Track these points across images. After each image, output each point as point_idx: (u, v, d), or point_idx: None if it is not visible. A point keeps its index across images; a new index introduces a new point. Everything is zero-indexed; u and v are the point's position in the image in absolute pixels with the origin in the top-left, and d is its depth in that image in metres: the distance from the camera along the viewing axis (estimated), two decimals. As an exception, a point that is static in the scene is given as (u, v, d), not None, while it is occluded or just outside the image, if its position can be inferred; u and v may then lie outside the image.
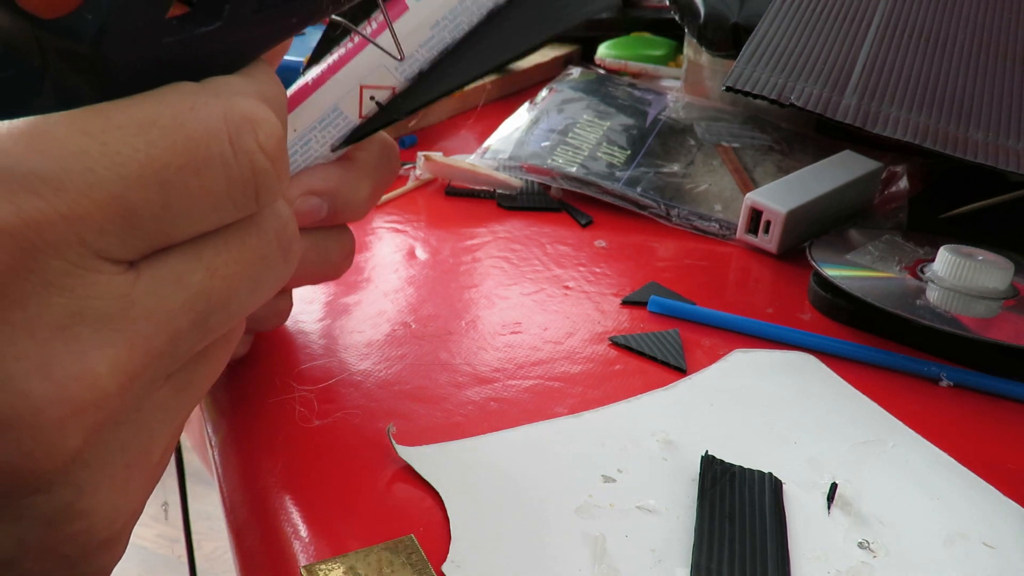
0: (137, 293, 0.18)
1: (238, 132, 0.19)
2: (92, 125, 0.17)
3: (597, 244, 0.50)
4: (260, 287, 0.21)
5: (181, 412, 0.21)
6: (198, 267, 0.19)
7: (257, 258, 0.21)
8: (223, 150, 0.19)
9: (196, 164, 0.18)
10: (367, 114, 0.31)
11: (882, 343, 0.42)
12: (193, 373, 0.21)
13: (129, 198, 0.17)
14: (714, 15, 0.60)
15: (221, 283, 0.20)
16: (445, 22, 0.30)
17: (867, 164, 0.53)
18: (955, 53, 0.50)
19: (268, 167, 0.20)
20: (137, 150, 0.17)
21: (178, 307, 0.19)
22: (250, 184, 0.19)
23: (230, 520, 0.31)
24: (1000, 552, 0.29)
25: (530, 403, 0.35)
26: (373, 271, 0.46)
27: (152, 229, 0.18)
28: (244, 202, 0.20)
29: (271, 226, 0.21)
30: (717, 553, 0.28)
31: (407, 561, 0.27)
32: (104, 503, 0.19)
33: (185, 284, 0.19)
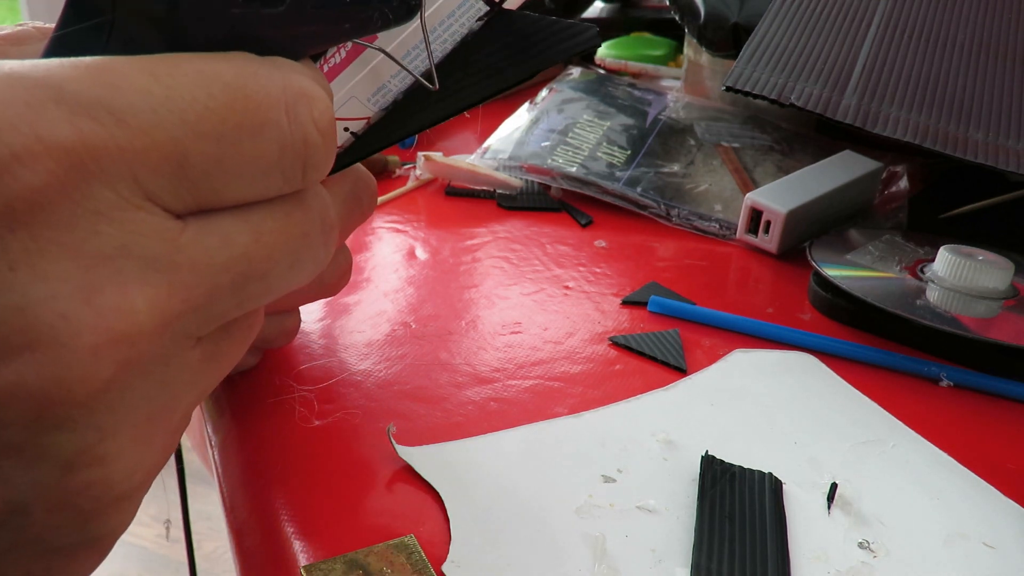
0: (185, 240, 0.19)
1: (295, 104, 0.20)
2: (159, 69, 0.18)
3: (597, 244, 0.50)
4: (299, 265, 0.21)
5: (205, 380, 0.22)
6: (245, 229, 0.20)
7: (300, 234, 0.21)
8: (279, 118, 0.19)
9: (253, 125, 0.19)
10: (343, 144, 0.31)
11: (882, 343, 0.42)
12: (220, 345, 0.22)
13: (185, 145, 0.18)
14: (714, 15, 0.60)
15: (264, 251, 0.20)
16: (416, 51, 0.29)
17: (867, 164, 0.53)
18: (955, 53, 0.50)
19: (320, 142, 0.20)
20: (198, 100, 0.18)
21: (221, 264, 0.19)
22: (300, 156, 0.20)
23: (230, 520, 0.31)
24: (1000, 552, 0.29)
25: (530, 403, 0.35)
26: (373, 271, 0.46)
27: (203, 183, 0.18)
28: (292, 174, 0.20)
29: (315, 206, 0.22)
30: (717, 553, 0.28)
31: (407, 561, 0.27)
32: (124, 452, 0.19)
33: (231, 243, 0.19)
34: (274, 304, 0.33)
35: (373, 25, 0.25)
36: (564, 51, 0.30)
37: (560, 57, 0.30)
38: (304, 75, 0.21)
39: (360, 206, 0.34)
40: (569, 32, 0.30)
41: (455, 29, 0.29)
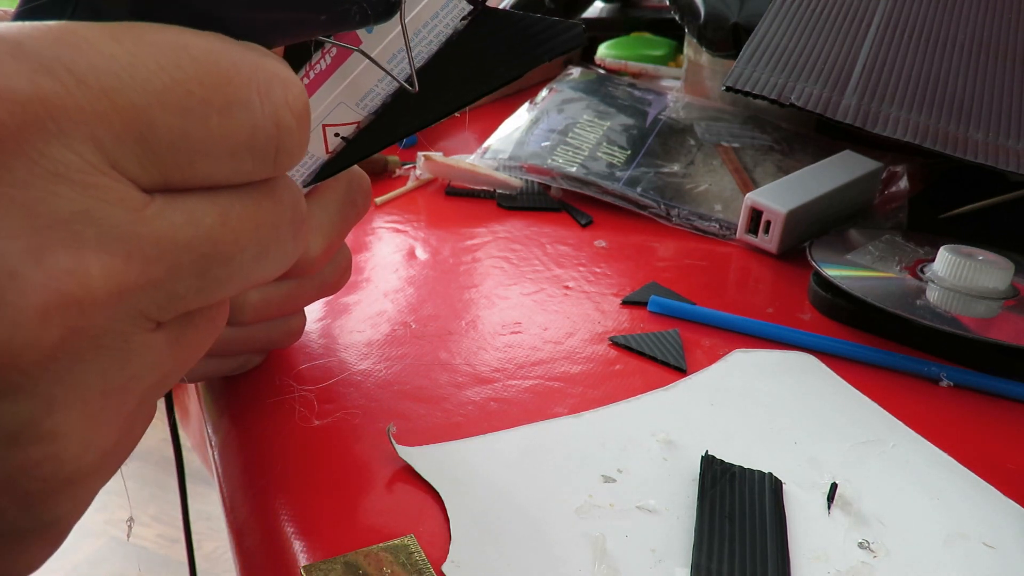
0: (149, 213, 0.18)
1: (269, 84, 0.19)
2: (125, 35, 0.17)
3: (597, 244, 0.50)
4: (266, 255, 0.21)
5: (167, 367, 0.21)
6: (212, 211, 0.19)
7: (269, 224, 0.20)
8: (251, 96, 0.19)
9: (222, 101, 0.18)
10: (335, 149, 0.31)
11: (882, 343, 0.42)
12: (183, 332, 0.21)
13: (149, 115, 0.17)
14: (714, 15, 0.60)
15: (231, 235, 0.19)
16: (402, 54, 0.29)
17: (867, 164, 0.53)
18: (955, 53, 0.50)
19: (293, 126, 0.20)
20: (164, 69, 0.17)
21: (185, 241, 0.19)
22: (272, 139, 0.19)
23: (230, 520, 0.31)
24: (1000, 552, 0.29)
25: (530, 403, 0.35)
26: (373, 271, 0.46)
27: (169, 156, 0.18)
28: (263, 157, 0.19)
29: (287, 197, 0.21)
30: (717, 553, 0.28)
31: (407, 561, 0.27)
32: (75, 429, 0.18)
33: (196, 222, 0.19)
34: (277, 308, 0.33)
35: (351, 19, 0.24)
36: (550, 50, 0.30)
37: (547, 56, 0.30)
38: (278, 61, 0.20)
39: (355, 206, 0.34)
40: (554, 31, 0.30)
41: (439, 30, 0.29)
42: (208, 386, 0.38)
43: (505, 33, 0.30)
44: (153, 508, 1.53)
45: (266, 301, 0.32)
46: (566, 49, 0.30)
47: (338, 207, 0.33)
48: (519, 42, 0.30)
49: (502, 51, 0.30)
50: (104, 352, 0.19)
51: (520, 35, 0.30)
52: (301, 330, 0.36)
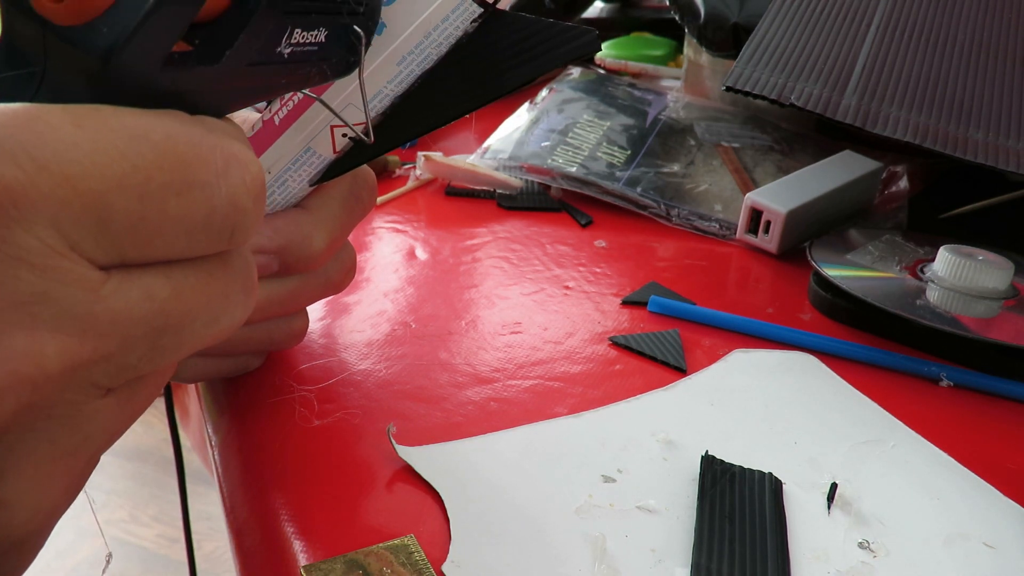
0: (105, 292, 0.18)
1: (227, 167, 0.20)
2: (87, 121, 0.18)
3: (597, 244, 0.50)
4: (216, 322, 0.21)
5: (116, 426, 0.21)
6: (166, 285, 0.19)
7: (220, 294, 0.21)
8: (209, 180, 0.19)
9: (179, 185, 0.19)
10: (342, 150, 0.31)
11: (882, 343, 0.42)
12: (133, 393, 0.22)
13: (109, 200, 0.18)
14: (714, 15, 0.60)
15: (183, 307, 0.20)
16: (412, 57, 0.29)
17: (867, 164, 0.53)
18: (955, 53, 0.50)
19: (250, 207, 0.20)
20: (125, 156, 0.18)
21: (139, 317, 0.19)
22: (229, 220, 0.20)
23: (230, 520, 0.31)
24: (1000, 552, 0.29)
25: (530, 403, 0.35)
26: (373, 271, 0.46)
27: (126, 238, 0.18)
28: (219, 236, 0.20)
29: (239, 265, 0.22)
30: (717, 553, 0.28)
31: (407, 561, 0.27)
32: (25, 496, 0.19)
33: (151, 297, 0.19)
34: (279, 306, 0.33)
35: (311, 80, 0.25)
36: (563, 55, 0.30)
37: (560, 61, 0.30)
38: (236, 139, 0.21)
39: (360, 203, 0.34)
40: (568, 35, 0.30)
41: (449, 32, 0.29)
42: (208, 386, 0.38)
43: (517, 37, 0.30)
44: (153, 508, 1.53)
45: (269, 300, 0.32)
46: (580, 55, 0.30)
47: (343, 202, 0.33)
48: (531, 46, 0.30)
49: (514, 55, 0.30)
50: (55, 421, 0.19)
51: (532, 39, 0.30)
52: (303, 331, 0.36)
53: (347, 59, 0.26)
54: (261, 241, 0.31)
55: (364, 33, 0.26)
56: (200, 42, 0.20)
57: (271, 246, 0.31)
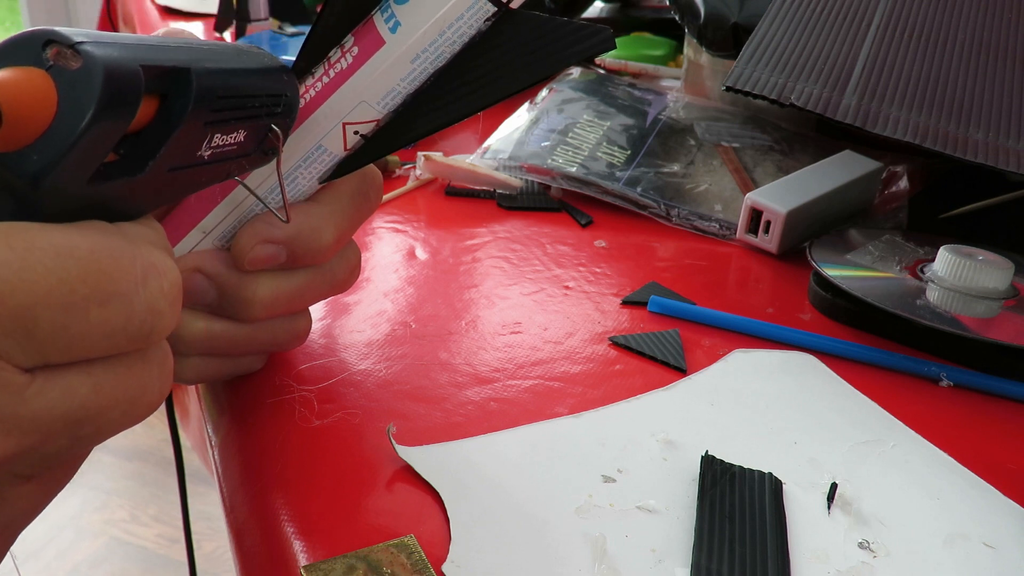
0: (29, 393, 0.20)
1: (146, 276, 0.21)
2: (16, 241, 0.19)
3: (597, 244, 0.50)
4: (132, 411, 0.22)
5: (36, 507, 0.23)
6: (86, 382, 0.21)
7: (138, 385, 0.22)
8: (129, 290, 0.21)
9: (102, 296, 0.20)
10: (352, 147, 0.31)
11: (882, 343, 0.42)
12: (52, 475, 0.23)
13: (35, 313, 0.19)
14: (714, 15, 0.60)
15: (102, 401, 0.21)
16: (426, 55, 0.29)
17: (867, 164, 0.53)
18: (955, 53, 0.50)
19: (167, 311, 0.22)
20: (51, 272, 0.19)
21: (60, 413, 0.20)
22: (147, 324, 0.21)
23: (230, 520, 0.31)
24: (1000, 552, 0.29)
25: (530, 403, 0.35)
26: (373, 271, 0.46)
27: (50, 345, 0.19)
28: (138, 339, 0.21)
29: (156, 359, 0.23)
30: (717, 553, 0.28)
31: (407, 561, 0.27)
32: None
33: (71, 395, 0.20)
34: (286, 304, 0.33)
35: (232, 174, 0.26)
36: (577, 54, 0.30)
37: (573, 60, 0.30)
38: (155, 246, 0.22)
39: (368, 200, 0.34)
40: (582, 34, 0.30)
41: (463, 31, 0.29)
42: (208, 386, 0.38)
43: (530, 36, 0.30)
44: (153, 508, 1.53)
45: (275, 297, 0.32)
46: (593, 53, 0.30)
47: (351, 198, 0.33)
48: (544, 45, 0.30)
49: (527, 53, 0.30)
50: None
51: (546, 38, 0.30)
52: (307, 332, 0.36)
53: (265, 152, 0.28)
54: (271, 231, 0.31)
55: (281, 130, 0.27)
56: (124, 153, 0.21)
57: (281, 236, 0.31)
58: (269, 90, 0.26)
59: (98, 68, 0.19)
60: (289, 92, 0.28)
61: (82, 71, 0.19)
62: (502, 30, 0.29)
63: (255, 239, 0.31)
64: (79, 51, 0.19)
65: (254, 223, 0.31)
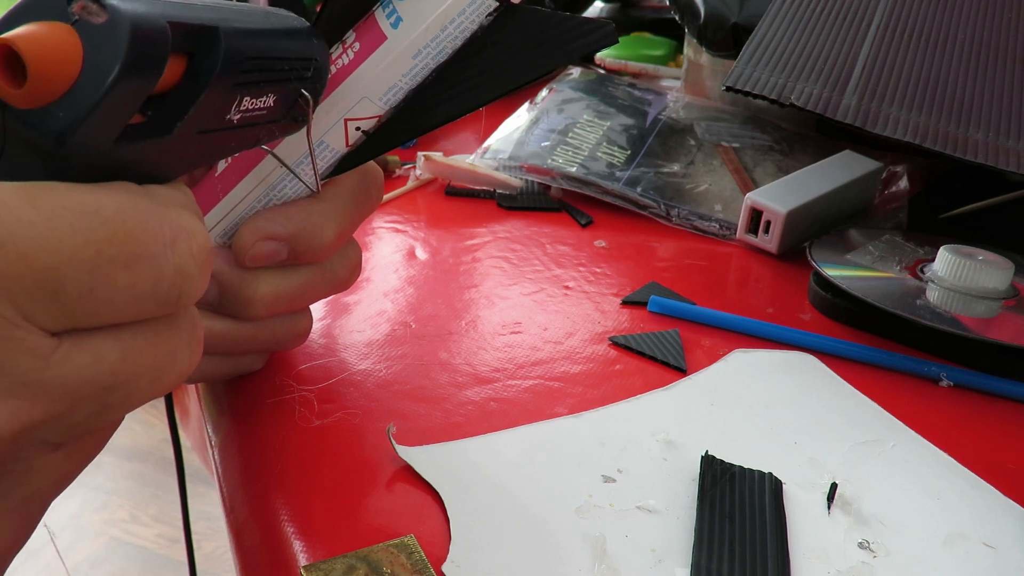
0: (56, 358, 0.19)
1: (174, 239, 0.21)
2: (42, 200, 0.18)
3: (597, 244, 0.50)
4: (162, 379, 0.22)
5: (65, 478, 0.23)
6: (115, 347, 0.20)
7: (166, 352, 0.22)
8: (158, 251, 0.20)
9: (129, 258, 0.20)
10: (354, 143, 0.31)
11: (882, 343, 0.42)
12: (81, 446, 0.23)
13: (61, 273, 0.19)
14: (714, 15, 0.60)
15: (130, 368, 0.21)
16: (428, 50, 0.29)
17: (867, 164, 0.53)
18: (955, 53, 0.50)
19: (196, 274, 0.21)
20: (77, 232, 0.19)
21: (88, 379, 0.20)
22: (175, 288, 0.21)
23: (230, 520, 0.31)
24: (1000, 552, 0.29)
25: (530, 403, 0.35)
26: (373, 271, 0.46)
27: (77, 308, 0.19)
28: (166, 303, 0.21)
29: (185, 326, 0.22)
30: (717, 553, 0.28)
31: (407, 561, 0.27)
32: None
33: (100, 360, 0.20)
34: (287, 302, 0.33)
35: (260, 141, 0.26)
36: (579, 48, 0.30)
37: (575, 54, 0.30)
38: (184, 208, 0.22)
39: (369, 198, 0.34)
40: (584, 29, 0.30)
41: (465, 26, 0.29)
42: (208, 386, 0.38)
43: (532, 31, 0.30)
44: (153, 508, 1.53)
45: (276, 295, 0.32)
46: (596, 48, 0.30)
47: (352, 195, 0.33)
48: (547, 39, 0.30)
49: (528, 48, 0.30)
50: (7, 477, 0.21)
51: (548, 32, 0.30)
52: (307, 331, 0.36)
53: (295, 119, 0.27)
54: (273, 228, 0.31)
55: (311, 96, 0.27)
56: (152, 114, 0.21)
57: (283, 233, 0.31)
58: (299, 53, 0.26)
59: (124, 23, 0.18)
60: (320, 57, 0.27)
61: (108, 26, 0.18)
62: (504, 25, 0.29)
63: (256, 235, 0.31)
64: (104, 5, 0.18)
65: (255, 219, 0.31)
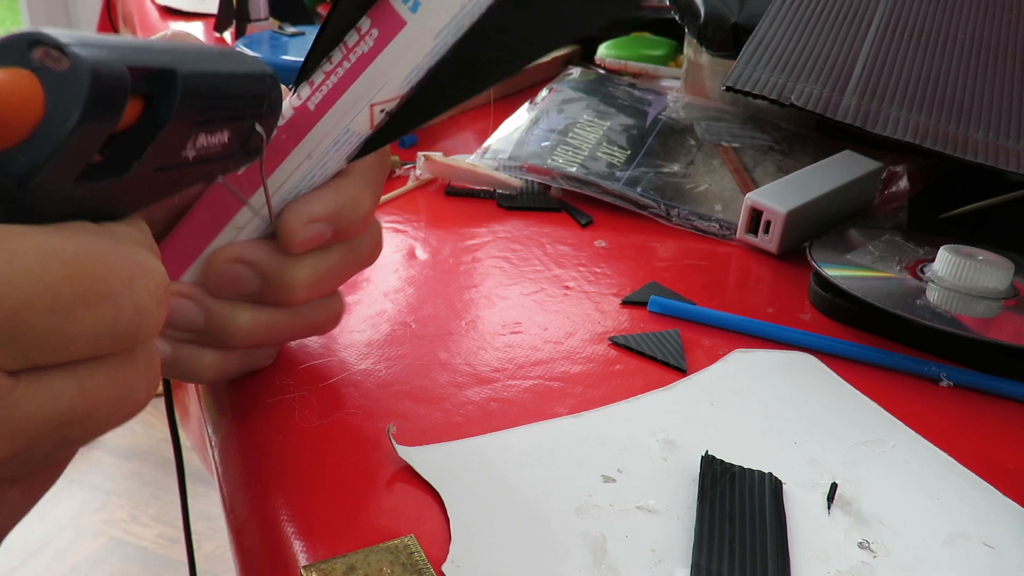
0: (15, 397, 0.19)
1: (132, 277, 0.21)
2: (2, 244, 0.19)
3: (597, 244, 0.50)
4: (120, 411, 0.22)
5: (21, 511, 0.23)
6: (72, 384, 0.20)
7: (125, 385, 0.22)
8: (116, 291, 0.20)
9: (88, 298, 0.20)
10: (378, 125, 0.31)
11: (882, 343, 0.42)
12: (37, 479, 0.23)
13: (21, 316, 0.19)
14: (714, 15, 0.60)
15: (88, 403, 0.21)
16: (448, 29, 0.29)
17: (867, 164, 0.53)
18: (955, 53, 0.50)
19: (154, 311, 0.22)
20: (38, 276, 0.19)
21: (46, 416, 0.20)
22: (134, 324, 0.21)
23: (230, 520, 0.31)
24: (1000, 552, 0.29)
25: (530, 403, 0.35)
26: (373, 271, 0.46)
27: (36, 348, 0.19)
28: (125, 339, 0.21)
29: (143, 359, 0.22)
30: (717, 553, 0.28)
31: (407, 561, 0.27)
32: None
33: (57, 397, 0.20)
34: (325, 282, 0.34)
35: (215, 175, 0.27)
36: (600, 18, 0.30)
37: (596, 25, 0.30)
38: (142, 246, 0.22)
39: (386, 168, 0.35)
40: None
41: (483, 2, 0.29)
42: (208, 386, 0.38)
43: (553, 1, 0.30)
44: (153, 508, 1.53)
45: (316, 276, 0.33)
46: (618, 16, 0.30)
47: (375, 167, 0.34)
48: (567, 10, 0.30)
49: (549, 19, 0.30)
50: None
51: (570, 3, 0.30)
52: (342, 312, 0.36)
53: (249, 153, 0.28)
54: (314, 210, 0.31)
55: (265, 132, 0.27)
56: (110, 154, 0.21)
57: (325, 213, 0.32)
58: (253, 91, 0.26)
59: (85, 69, 0.19)
60: (272, 94, 0.28)
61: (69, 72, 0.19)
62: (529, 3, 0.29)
63: (301, 219, 0.31)
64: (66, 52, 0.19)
65: (295, 205, 0.31)
